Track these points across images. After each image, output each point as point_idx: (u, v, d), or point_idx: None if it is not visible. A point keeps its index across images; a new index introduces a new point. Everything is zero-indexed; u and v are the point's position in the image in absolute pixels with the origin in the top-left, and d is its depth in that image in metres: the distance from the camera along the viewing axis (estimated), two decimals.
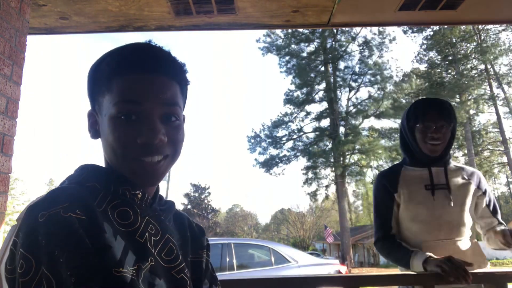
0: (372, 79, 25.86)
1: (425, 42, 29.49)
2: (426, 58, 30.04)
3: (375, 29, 25.70)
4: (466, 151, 29.42)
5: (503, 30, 26.85)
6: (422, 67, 29.89)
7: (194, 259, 0.82)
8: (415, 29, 27.87)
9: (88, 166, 0.71)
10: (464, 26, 25.93)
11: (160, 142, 0.67)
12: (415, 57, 30.40)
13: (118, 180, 0.69)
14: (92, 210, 0.60)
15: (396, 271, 1.79)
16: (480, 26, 26.49)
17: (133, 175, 0.68)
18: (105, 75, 0.69)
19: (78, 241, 0.55)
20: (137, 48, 0.70)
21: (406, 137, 1.80)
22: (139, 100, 0.66)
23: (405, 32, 28.57)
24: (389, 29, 25.38)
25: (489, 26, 26.61)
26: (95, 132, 0.73)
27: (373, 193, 1.85)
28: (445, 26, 24.14)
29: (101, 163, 0.74)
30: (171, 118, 0.70)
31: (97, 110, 0.72)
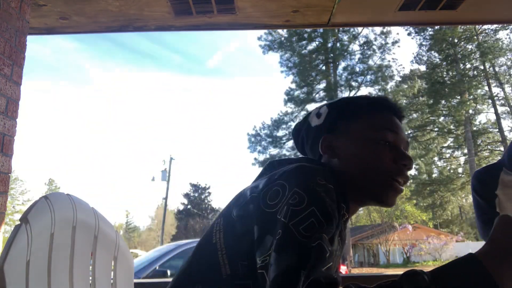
0: (373, 79, 25.88)
1: (424, 43, 29.51)
2: (426, 58, 30.05)
3: (377, 29, 25.71)
4: (466, 151, 29.44)
5: (501, 29, 26.87)
6: (422, 67, 29.92)
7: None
8: (417, 29, 27.87)
9: (329, 167, 0.78)
10: (464, 26, 25.93)
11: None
12: (415, 57, 30.35)
13: (343, 194, 0.73)
14: (341, 205, 0.68)
15: (396, 271, 1.79)
16: (479, 26, 26.49)
17: (386, 192, 0.76)
18: (363, 109, 0.82)
19: (337, 217, 0.64)
20: (393, 104, 0.86)
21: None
22: (398, 131, 0.80)
23: (409, 34, 28.56)
24: (391, 30, 25.41)
25: (488, 26, 26.61)
26: (332, 152, 0.80)
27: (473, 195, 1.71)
28: (445, 26, 24.14)
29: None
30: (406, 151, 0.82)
31: (340, 133, 0.81)
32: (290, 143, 26.72)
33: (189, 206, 37.33)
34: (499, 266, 0.53)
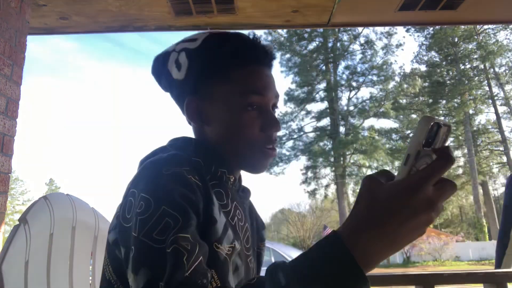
0: (373, 79, 25.89)
1: (425, 42, 29.52)
2: (426, 58, 30.05)
3: (378, 29, 25.70)
4: (466, 151, 29.44)
5: (501, 30, 26.88)
6: (423, 67, 29.92)
7: (257, 251, 0.82)
8: (417, 28, 27.87)
9: (192, 141, 0.73)
10: (463, 27, 25.93)
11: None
12: (415, 57, 30.35)
13: (219, 161, 0.70)
14: (206, 181, 0.62)
15: (396, 271, 1.79)
16: (479, 26, 26.49)
17: (255, 161, 0.71)
18: (223, 64, 0.70)
19: (196, 202, 0.57)
20: (252, 41, 0.73)
21: None
22: (262, 92, 0.71)
23: (407, 30, 28.55)
24: (395, 31, 25.42)
25: (487, 26, 26.61)
26: (199, 116, 0.73)
27: (505, 197, 1.79)
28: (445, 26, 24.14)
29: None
30: (275, 109, 0.75)
31: (204, 96, 0.72)
32: (290, 143, 26.73)
33: None
34: (360, 240, 0.43)
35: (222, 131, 0.71)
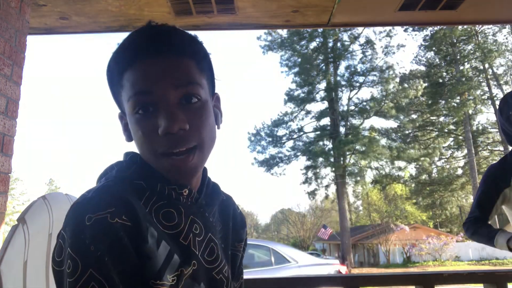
0: (374, 79, 25.89)
1: (423, 43, 29.52)
2: (425, 59, 30.05)
3: (378, 29, 25.70)
4: (466, 151, 29.43)
5: (498, 31, 26.88)
6: (422, 67, 29.91)
7: (232, 252, 0.78)
8: (416, 28, 27.88)
9: (137, 159, 0.68)
10: (462, 27, 25.93)
11: (181, 130, 0.61)
12: (415, 57, 30.37)
13: (164, 178, 0.65)
14: (137, 215, 0.58)
15: (396, 271, 1.79)
16: (478, 27, 26.48)
17: (167, 173, 0.64)
18: (115, 73, 0.65)
19: (123, 249, 0.55)
20: (135, 34, 0.65)
21: (508, 130, 1.75)
22: (149, 88, 0.61)
23: (405, 30, 28.56)
24: (394, 32, 25.42)
25: (486, 27, 26.61)
26: (128, 134, 0.68)
27: (480, 183, 1.82)
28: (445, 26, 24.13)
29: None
30: (191, 99, 0.64)
31: (123, 111, 0.69)
32: (290, 143, 26.74)
33: None
34: None
35: (136, 145, 0.66)
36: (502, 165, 1.77)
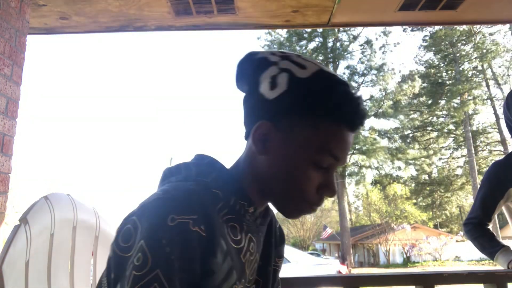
0: (373, 78, 25.89)
1: (423, 44, 29.53)
2: (425, 59, 30.06)
3: (378, 29, 25.72)
4: (465, 151, 29.43)
5: (496, 32, 26.91)
6: (422, 67, 29.91)
7: (273, 268, 0.80)
8: (416, 28, 27.89)
9: (216, 166, 0.69)
10: (461, 27, 25.94)
11: None
12: (414, 57, 30.37)
13: (240, 194, 0.67)
14: (214, 228, 0.59)
15: (396, 271, 1.79)
16: (476, 27, 26.50)
17: (292, 213, 0.68)
18: (320, 110, 0.64)
19: (193, 259, 0.56)
20: (358, 102, 0.66)
21: None
22: (340, 156, 0.66)
23: (404, 30, 28.57)
24: (391, 31, 25.40)
25: (485, 27, 26.62)
26: (262, 143, 0.67)
27: (482, 181, 1.77)
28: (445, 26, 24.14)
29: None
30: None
31: (281, 128, 0.66)
32: None
33: None
34: None
35: (278, 169, 0.66)
36: (506, 163, 1.73)
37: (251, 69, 0.70)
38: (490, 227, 1.73)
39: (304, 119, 0.65)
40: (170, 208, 0.56)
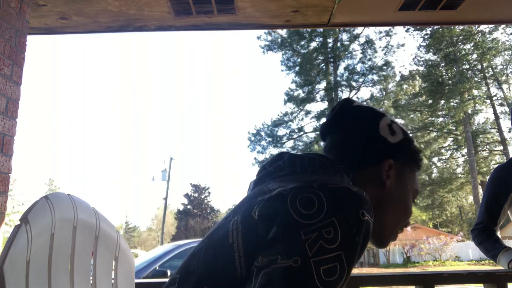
0: (374, 78, 25.89)
1: (422, 44, 29.53)
2: (425, 58, 30.05)
3: (378, 29, 25.71)
4: (465, 151, 29.43)
5: (494, 31, 26.90)
6: (422, 67, 29.90)
7: None
8: (416, 28, 27.87)
9: (344, 174, 0.76)
10: (461, 27, 25.93)
11: None
12: (414, 58, 30.36)
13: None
14: (369, 233, 0.67)
15: (396, 271, 1.79)
16: (476, 26, 26.49)
17: (389, 240, 0.82)
18: (415, 162, 0.84)
19: (359, 255, 0.62)
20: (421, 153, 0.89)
21: None
22: (416, 196, 0.85)
23: (407, 30, 28.56)
24: (393, 31, 25.41)
25: (484, 26, 26.61)
26: (388, 179, 0.79)
27: (486, 186, 1.79)
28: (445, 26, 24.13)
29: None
30: None
31: (398, 167, 0.81)
32: (290, 143, 26.73)
33: (189, 206, 37.33)
34: None
35: (396, 202, 0.79)
36: (508, 167, 1.74)
37: (368, 112, 0.87)
38: (497, 231, 1.74)
39: (409, 163, 0.83)
40: (363, 204, 0.62)
